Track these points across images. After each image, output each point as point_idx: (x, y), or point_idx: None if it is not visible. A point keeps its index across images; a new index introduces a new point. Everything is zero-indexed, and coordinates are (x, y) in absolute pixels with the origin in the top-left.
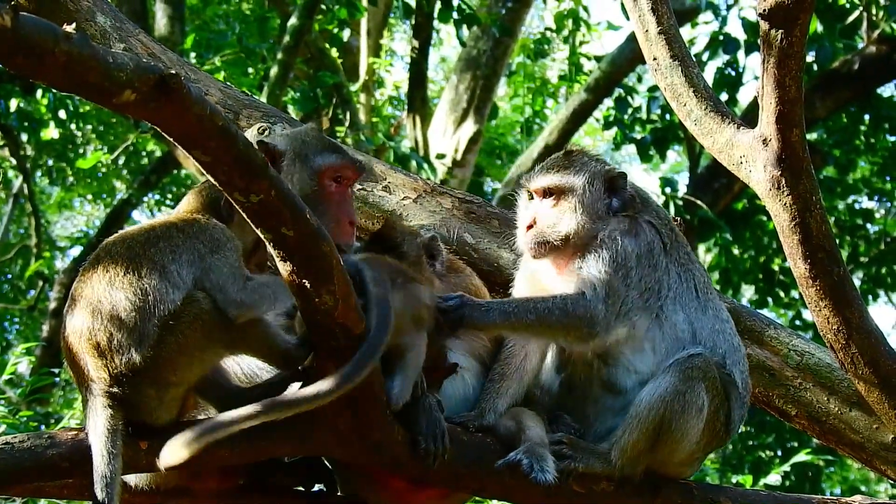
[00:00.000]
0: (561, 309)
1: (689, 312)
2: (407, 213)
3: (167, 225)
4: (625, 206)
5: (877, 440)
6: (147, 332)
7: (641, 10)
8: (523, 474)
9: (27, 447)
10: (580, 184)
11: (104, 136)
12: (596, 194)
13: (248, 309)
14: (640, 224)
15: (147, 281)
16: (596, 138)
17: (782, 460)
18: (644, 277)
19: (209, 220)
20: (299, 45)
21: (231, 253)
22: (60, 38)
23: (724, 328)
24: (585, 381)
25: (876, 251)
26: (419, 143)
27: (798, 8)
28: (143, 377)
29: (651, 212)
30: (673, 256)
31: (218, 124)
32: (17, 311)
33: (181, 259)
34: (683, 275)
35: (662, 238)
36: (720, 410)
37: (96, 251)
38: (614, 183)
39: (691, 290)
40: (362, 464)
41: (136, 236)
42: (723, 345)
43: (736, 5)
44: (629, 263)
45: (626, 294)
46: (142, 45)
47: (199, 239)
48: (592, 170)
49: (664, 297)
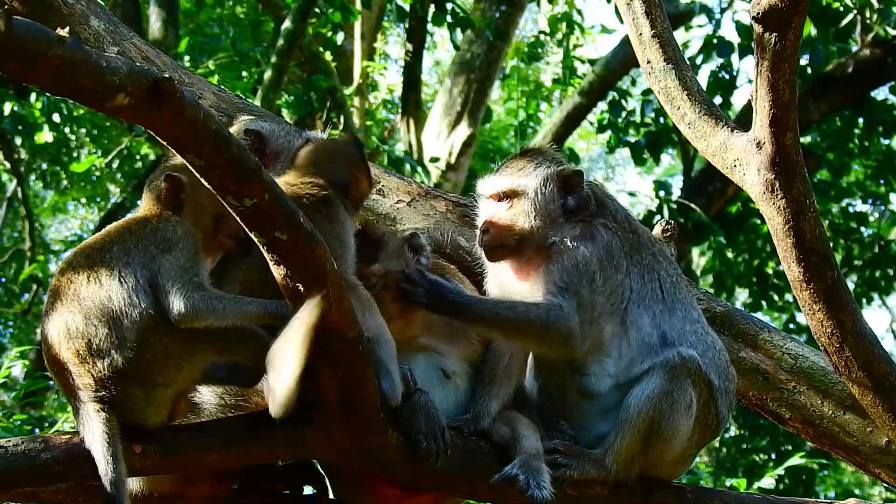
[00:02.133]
0: (539, 316)
1: (655, 315)
2: (401, 216)
3: (121, 228)
4: (580, 207)
5: (871, 443)
6: (124, 335)
7: (635, 14)
8: (520, 491)
9: (21, 451)
10: (533, 186)
11: (98, 139)
12: (549, 195)
13: (191, 317)
14: (595, 227)
15: (108, 287)
16: (590, 142)
17: (776, 464)
18: (608, 280)
19: (162, 217)
20: (293, 48)
21: (183, 253)
22: (54, 42)
23: (695, 328)
24: (561, 388)
25: (870, 255)
26: (413, 146)
27: (792, 11)
28: (129, 378)
29: (606, 214)
30: (634, 259)
31: (212, 128)
32: (11, 314)
33: (134, 262)
34: (647, 276)
35: (620, 240)
36: (710, 404)
37: (60, 265)
38: (568, 182)
39: (656, 292)
40: (355, 468)
41: (94, 244)
42: (695, 345)
43: (730, 9)
44: (591, 268)
45: (593, 300)
46: (136, 49)
47: (150, 240)
48: (546, 171)
49: (627, 299)
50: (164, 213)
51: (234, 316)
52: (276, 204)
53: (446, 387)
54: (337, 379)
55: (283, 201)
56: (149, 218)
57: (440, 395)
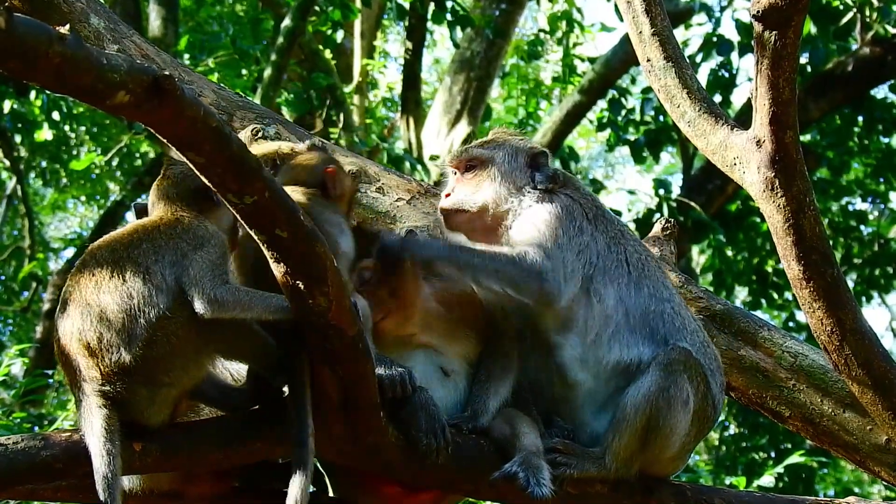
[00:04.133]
0: (508, 258)
1: (621, 288)
2: (400, 214)
3: (151, 226)
4: (547, 182)
5: (870, 442)
6: (136, 332)
7: (635, 12)
8: (520, 488)
9: (21, 448)
10: (500, 155)
11: (98, 137)
12: (515, 165)
13: (220, 307)
14: (555, 194)
15: (131, 283)
16: (590, 140)
17: (776, 462)
18: (573, 238)
19: (194, 218)
20: (293, 46)
21: (214, 250)
22: (54, 40)
23: (664, 308)
24: (544, 379)
25: (869, 253)
26: (413, 144)
27: (792, 9)
28: (135, 377)
29: (571, 188)
30: (599, 227)
31: (212, 126)
32: (10, 312)
33: (164, 260)
34: (613, 247)
35: (582, 207)
36: (707, 396)
37: (83, 256)
38: (536, 159)
39: (622, 265)
40: (355, 467)
41: (121, 239)
42: (662, 327)
43: (730, 7)
44: (553, 225)
45: (562, 255)
46: (136, 47)
47: (182, 238)
48: (514, 144)
49: (594, 265)
50: (193, 214)
51: (258, 308)
52: (277, 201)
53: (445, 385)
54: (337, 377)
55: (284, 199)
56: (180, 218)
57: (440, 393)
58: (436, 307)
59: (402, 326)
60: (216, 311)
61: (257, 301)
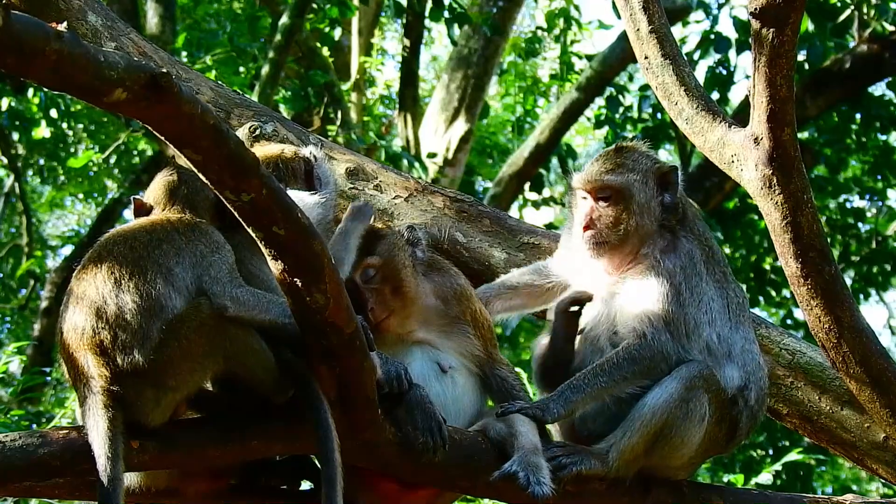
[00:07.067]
0: (628, 360)
1: (721, 329)
2: (398, 211)
3: (169, 227)
4: (675, 206)
5: (868, 439)
6: (151, 334)
7: (633, 9)
8: (520, 488)
9: (18, 446)
10: (636, 187)
11: (95, 135)
12: (650, 192)
13: (241, 306)
14: (678, 239)
15: (152, 284)
16: (587, 137)
17: (774, 459)
18: (693, 289)
19: (208, 225)
20: (290, 44)
21: (230, 255)
22: (51, 37)
23: (752, 348)
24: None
25: (867, 250)
26: (410, 142)
27: (789, 7)
28: (145, 379)
29: (692, 225)
30: (709, 270)
31: (209, 123)
32: (8, 310)
33: (184, 262)
34: (719, 290)
35: (701, 250)
36: (723, 422)
37: (96, 249)
38: (666, 178)
39: (724, 309)
40: (352, 464)
41: (139, 237)
42: (750, 364)
43: (727, 4)
44: (676, 280)
45: (683, 314)
46: (133, 44)
47: (201, 241)
48: (644, 167)
49: (712, 309)
50: (206, 222)
51: (275, 311)
52: (274, 199)
53: (443, 381)
54: (334, 374)
55: (281, 196)
56: (197, 223)
57: (437, 390)
58: (434, 303)
59: (404, 324)
60: (237, 309)
61: (274, 305)
